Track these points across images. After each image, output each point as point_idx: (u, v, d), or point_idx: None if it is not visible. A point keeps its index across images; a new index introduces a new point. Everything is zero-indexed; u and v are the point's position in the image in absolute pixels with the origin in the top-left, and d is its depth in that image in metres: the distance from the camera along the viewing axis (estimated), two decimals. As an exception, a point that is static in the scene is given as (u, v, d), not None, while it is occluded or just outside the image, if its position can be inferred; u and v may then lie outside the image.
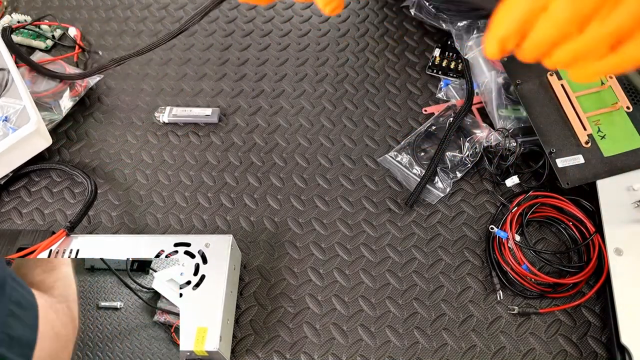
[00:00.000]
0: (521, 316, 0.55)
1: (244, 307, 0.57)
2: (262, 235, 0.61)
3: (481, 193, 0.63)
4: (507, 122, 0.64)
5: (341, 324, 0.56)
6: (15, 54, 0.69)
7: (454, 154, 0.64)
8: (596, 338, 0.54)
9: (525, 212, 0.59)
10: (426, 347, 0.54)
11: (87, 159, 0.69)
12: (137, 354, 0.49)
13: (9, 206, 0.65)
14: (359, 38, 0.78)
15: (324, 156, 0.67)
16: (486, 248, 0.59)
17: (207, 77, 0.75)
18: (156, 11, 0.83)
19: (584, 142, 0.59)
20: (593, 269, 0.55)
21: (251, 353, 0.54)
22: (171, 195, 0.65)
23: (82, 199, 0.65)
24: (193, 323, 0.50)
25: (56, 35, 0.80)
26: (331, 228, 0.62)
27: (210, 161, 0.67)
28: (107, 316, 0.51)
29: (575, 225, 0.58)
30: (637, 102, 0.61)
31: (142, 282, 0.53)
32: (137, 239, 0.56)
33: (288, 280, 0.58)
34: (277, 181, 0.65)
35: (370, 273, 0.58)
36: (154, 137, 0.70)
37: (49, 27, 0.81)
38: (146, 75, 0.76)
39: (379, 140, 0.68)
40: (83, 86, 0.72)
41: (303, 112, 0.71)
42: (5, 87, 0.65)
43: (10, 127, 0.62)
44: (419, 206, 0.62)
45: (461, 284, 0.57)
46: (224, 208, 0.64)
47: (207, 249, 0.54)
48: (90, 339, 0.49)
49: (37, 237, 0.58)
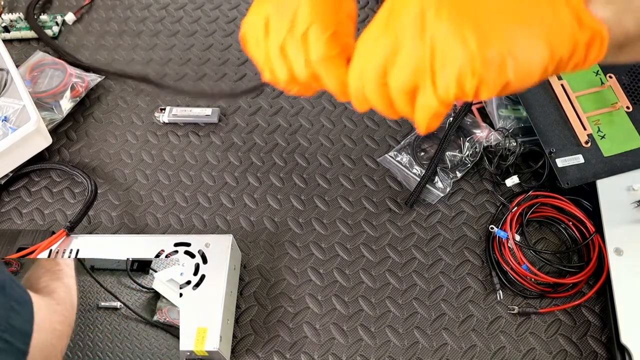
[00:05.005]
0: (521, 316, 0.55)
1: (244, 307, 0.57)
2: (262, 235, 0.61)
3: (481, 193, 0.63)
4: (507, 122, 0.64)
5: (341, 323, 0.56)
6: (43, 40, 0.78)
7: (454, 154, 0.64)
8: (596, 338, 0.54)
9: (525, 212, 0.59)
10: (426, 347, 0.54)
11: (87, 159, 0.69)
12: (137, 354, 0.49)
13: (9, 206, 0.65)
14: (359, 38, 0.78)
15: (324, 156, 0.67)
16: (486, 248, 0.59)
17: (207, 77, 0.75)
18: (156, 11, 0.83)
19: (583, 142, 0.59)
20: (593, 269, 0.55)
21: (251, 353, 0.54)
22: (171, 195, 0.65)
23: (82, 199, 0.65)
24: (193, 323, 0.50)
25: (59, 22, 0.81)
26: (331, 228, 0.62)
27: (210, 161, 0.67)
28: (107, 316, 0.51)
29: (575, 225, 0.58)
30: (637, 102, 0.61)
31: (142, 282, 0.53)
32: (137, 239, 0.56)
33: (288, 280, 0.58)
34: (277, 181, 0.65)
35: (370, 273, 0.58)
36: (154, 137, 0.70)
37: (48, 16, 0.81)
38: (146, 75, 0.76)
39: (379, 140, 0.68)
40: (84, 87, 0.72)
41: (303, 112, 0.71)
42: (5, 87, 0.65)
43: (10, 127, 0.62)
44: (419, 206, 0.62)
45: (461, 283, 0.57)
46: (224, 208, 0.64)
47: (207, 249, 0.54)
48: (90, 339, 0.49)
49: (37, 237, 0.58)
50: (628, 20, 0.32)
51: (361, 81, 0.34)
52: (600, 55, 0.32)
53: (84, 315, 0.50)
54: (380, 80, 0.33)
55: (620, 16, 0.32)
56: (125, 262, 0.54)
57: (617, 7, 0.31)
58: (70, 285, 0.47)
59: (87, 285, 0.52)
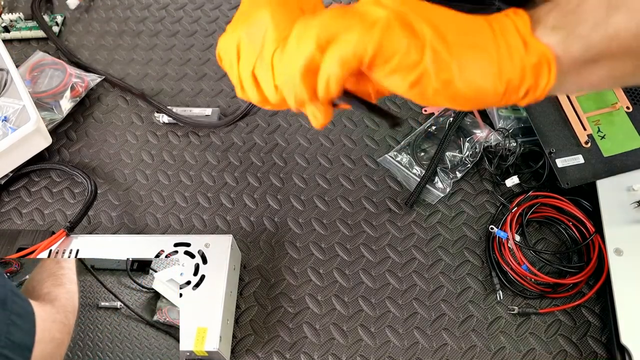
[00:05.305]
0: (521, 316, 0.55)
1: (244, 307, 0.57)
2: (262, 235, 0.61)
3: (481, 193, 0.63)
4: (507, 122, 0.64)
5: (341, 324, 0.56)
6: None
7: (454, 154, 0.64)
8: (596, 338, 0.54)
9: (525, 212, 0.59)
10: (426, 347, 0.54)
11: (87, 159, 0.69)
12: (137, 354, 0.49)
13: (9, 206, 0.65)
14: (359, 38, 0.78)
15: (324, 156, 0.67)
16: (486, 248, 0.59)
17: (207, 77, 0.75)
18: (156, 11, 0.83)
19: (583, 142, 0.59)
20: (593, 269, 0.55)
21: (251, 353, 0.54)
22: (171, 195, 0.65)
23: (82, 199, 0.65)
24: (193, 323, 0.50)
25: (59, 22, 0.81)
26: (331, 228, 0.62)
27: (210, 161, 0.67)
28: (107, 316, 0.51)
29: (575, 225, 0.58)
30: (637, 102, 0.61)
31: (142, 282, 0.53)
32: (137, 239, 0.56)
33: (288, 280, 0.58)
34: (277, 181, 0.65)
35: (370, 273, 0.58)
36: (154, 137, 0.70)
37: (48, 16, 0.81)
38: (146, 75, 0.76)
39: (379, 140, 0.68)
40: (84, 87, 0.72)
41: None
42: (5, 87, 0.65)
43: (10, 127, 0.62)
44: (419, 206, 0.62)
45: (461, 284, 0.57)
46: (224, 208, 0.64)
47: (207, 249, 0.54)
48: (90, 339, 0.49)
49: (37, 237, 0.58)
50: (574, 45, 0.33)
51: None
52: (551, 80, 0.34)
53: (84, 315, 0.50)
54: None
55: (566, 42, 0.33)
56: (125, 262, 0.54)
57: (563, 32, 0.33)
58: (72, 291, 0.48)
59: (88, 285, 0.52)
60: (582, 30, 0.33)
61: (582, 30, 0.33)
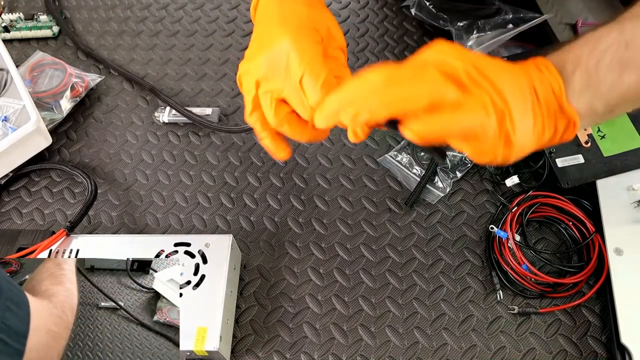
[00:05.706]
0: (521, 316, 0.55)
1: (244, 307, 0.57)
2: (262, 235, 0.61)
3: (481, 193, 0.63)
4: (507, 122, 0.64)
5: (341, 323, 0.56)
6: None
7: (454, 154, 0.64)
8: (596, 338, 0.54)
9: (525, 212, 0.59)
10: (426, 347, 0.54)
11: (87, 159, 0.69)
12: (137, 354, 0.49)
13: (9, 206, 0.65)
14: (359, 38, 0.78)
15: (324, 156, 0.67)
16: (486, 248, 0.59)
17: (207, 77, 0.75)
18: (156, 11, 0.83)
19: (583, 142, 0.59)
20: (593, 269, 0.55)
21: (251, 353, 0.54)
22: (171, 195, 0.65)
23: (82, 199, 0.65)
24: (193, 323, 0.50)
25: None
26: (331, 228, 0.62)
27: (210, 161, 0.67)
28: (107, 316, 0.51)
29: (575, 225, 0.58)
30: (637, 102, 0.61)
31: (142, 282, 0.53)
32: (137, 239, 0.56)
33: (288, 280, 0.58)
34: (277, 181, 0.65)
35: (370, 273, 0.58)
36: (154, 137, 0.70)
37: (47, 16, 0.81)
38: (146, 75, 0.76)
39: (379, 140, 0.68)
40: (84, 87, 0.72)
41: (303, 112, 0.71)
42: (5, 87, 0.65)
43: (10, 127, 0.62)
44: (419, 206, 0.62)
45: (461, 283, 0.57)
46: (224, 208, 0.64)
47: (207, 248, 0.54)
48: (90, 339, 0.49)
49: (37, 237, 0.58)
50: (596, 104, 0.39)
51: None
52: (569, 138, 0.39)
53: (84, 315, 0.50)
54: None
55: (590, 103, 0.38)
56: (125, 262, 0.54)
57: (588, 95, 0.38)
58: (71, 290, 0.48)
59: (88, 286, 0.52)
60: (602, 89, 0.38)
61: (602, 89, 0.38)
